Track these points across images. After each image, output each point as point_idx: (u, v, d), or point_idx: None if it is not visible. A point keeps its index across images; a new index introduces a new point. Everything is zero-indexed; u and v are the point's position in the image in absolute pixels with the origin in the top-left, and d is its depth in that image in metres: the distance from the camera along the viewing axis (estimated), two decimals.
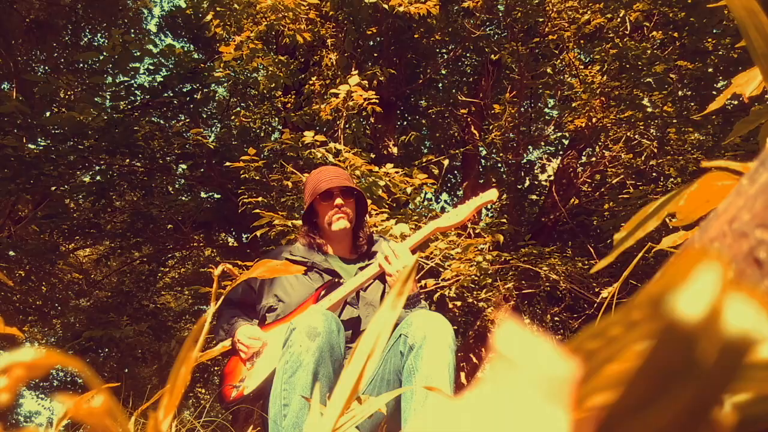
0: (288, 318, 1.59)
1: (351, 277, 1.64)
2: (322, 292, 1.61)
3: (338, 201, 1.69)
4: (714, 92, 4.54)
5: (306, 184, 1.78)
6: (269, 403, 1.33)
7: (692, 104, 4.71)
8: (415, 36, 5.13)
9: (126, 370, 6.87)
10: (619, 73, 4.29)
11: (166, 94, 4.99)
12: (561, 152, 6.56)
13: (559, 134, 6.31)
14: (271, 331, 1.59)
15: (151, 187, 5.45)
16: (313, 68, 4.80)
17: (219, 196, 5.70)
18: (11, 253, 5.37)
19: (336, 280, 1.65)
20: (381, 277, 1.63)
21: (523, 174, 6.76)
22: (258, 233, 3.10)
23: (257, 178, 3.70)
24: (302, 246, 1.75)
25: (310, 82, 4.49)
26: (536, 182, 7.05)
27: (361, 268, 1.66)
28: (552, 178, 6.13)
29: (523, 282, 4.60)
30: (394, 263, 1.56)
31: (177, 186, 6.09)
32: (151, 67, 5.01)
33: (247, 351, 1.56)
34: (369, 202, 3.01)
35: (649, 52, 4.09)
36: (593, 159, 5.75)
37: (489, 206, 7.45)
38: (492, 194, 1.68)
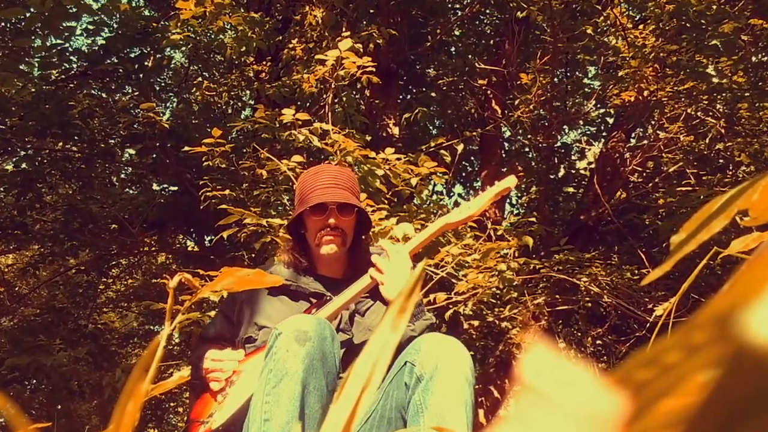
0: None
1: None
2: (313, 311, 1.62)
3: (331, 221, 1.67)
4: None
5: (297, 185, 1.77)
6: (246, 424, 1.34)
7: None
8: None
9: (59, 407, 6.88)
10: (678, 34, 4.29)
11: (108, 61, 4.98)
12: (604, 134, 6.57)
13: (602, 111, 6.31)
14: (248, 361, 1.60)
15: (91, 177, 5.45)
16: (294, 28, 4.80)
17: (175, 188, 5.70)
18: None
19: (327, 297, 1.66)
20: (375, 291, 1.63)
21: (556, 161, 6.77)
22: (224, 235, 3.10)
23: (224, 165, 3.70)
24: (285, 266, 1.76)
25: (290, 45, 4.49)
26: (573, 171, 7.06)
27: None
28: (593, 166, 6.14)
29: (557, 296, 4.61)
30: (386, 270, 1.57)
31: (123, 176, 6.09)
32: (90, 27, 5.00)
33: (220, 376, 1.57)
34: (364, 196, 3.01)
35: (714, 7, 4.10)
36: (645, 142, 5.76)
37: (516, 203, 7.47)
38: (510, 181, 1.71)
